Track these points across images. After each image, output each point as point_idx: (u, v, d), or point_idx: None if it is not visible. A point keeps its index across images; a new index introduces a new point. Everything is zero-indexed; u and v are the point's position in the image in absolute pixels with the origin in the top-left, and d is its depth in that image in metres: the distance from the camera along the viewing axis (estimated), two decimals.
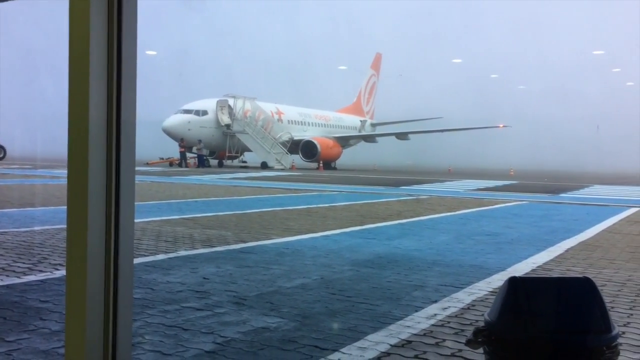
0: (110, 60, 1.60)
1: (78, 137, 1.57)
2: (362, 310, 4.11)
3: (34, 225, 8.19)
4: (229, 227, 8.45)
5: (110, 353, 1.61)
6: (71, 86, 1.58)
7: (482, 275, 5.45)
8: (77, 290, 1.57)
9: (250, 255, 6.25)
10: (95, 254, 1.58)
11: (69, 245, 1.59)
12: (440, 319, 3.93)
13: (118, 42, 1.60)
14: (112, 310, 1.61)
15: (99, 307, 1.59)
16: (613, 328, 1.62)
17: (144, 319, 3.75)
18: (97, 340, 1.59)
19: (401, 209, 12.17)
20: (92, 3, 1.54)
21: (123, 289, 1.63)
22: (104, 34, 1.58)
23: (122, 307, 1.63)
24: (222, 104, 37.11)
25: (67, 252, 1.60)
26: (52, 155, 31.14)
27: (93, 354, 1.57)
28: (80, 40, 1.56)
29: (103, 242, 1.61)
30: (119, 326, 1.62)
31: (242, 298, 4.41)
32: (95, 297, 1.58)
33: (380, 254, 6.53)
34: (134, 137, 1.67)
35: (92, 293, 1.57)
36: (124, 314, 1.64)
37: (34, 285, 4.60)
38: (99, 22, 1.56)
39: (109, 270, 1.61)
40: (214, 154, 38.92)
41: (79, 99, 1.57)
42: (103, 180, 1.60)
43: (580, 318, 1.59)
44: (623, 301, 4.54)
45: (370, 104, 53.58)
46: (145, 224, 8.31)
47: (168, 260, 5.76)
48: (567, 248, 7.26)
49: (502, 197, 16.25)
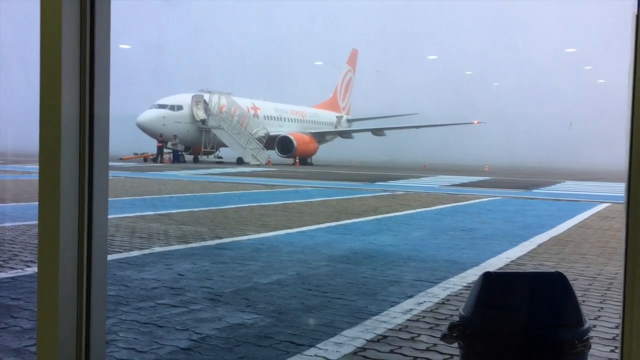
0: (83, 53, 1.57)
1: (50, 132, 1.54)
2: (338, 306, 4.12)
3: (5, 221, 8.04)
4: (204, 223, 8.40)
5: (83, 351, 1.59)
6: (43, 80, 1.55)
7: (457, 270, 5.50)
8: (49, 287, 1.54)
9: (226, 251, 6.22)
10: (67, 251, 1.56)
11: (40, 241, 1.57)
12: (415, 314, 3.97)
13: (91, 35, 1.58)
14: (85, 307, 1.59)
15: (72, 305, 1.57)
16: (584, 322, 1.64)
17: (118, 316, 3.71)
18: (70, 338, 1.56)
19: (377, 205, 12.22)
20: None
21: (96, 286, 1.61)
22: (76, 26, 1.56)
23: (96, 305, 1.61)
24: (197, 99, 36.80)
25: (39, 249, 1.57)
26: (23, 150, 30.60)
27: (66, 352, 1.55)
28: (52, 33, 1.53)
29: (76, 238, 1.58)
30: (93, 324, 1.60)
31: (217, 294, 4.39)
32: (68, 294, 1.56)
33: (356, 250, 6.55)
34: (108, 132, 1.64)
35: (65, 290, 1.55)
36: (97, 312, 1.61)
37: (4, 282, 4.52)
38: (71, 15, 1.54)
39: (82, 267, 1.59)
40: (189, 150, 38.60)
41: (50, 93, 1.54)
42: (76, 175, 1.58)
43: (552, 312, 1.62)
44: (594, 295, 4.62)
45: (346, 99, 53.65)
46: (119, 220, 8.21)
47: (142, 257, 5.70)
48: (540, 243, 7.37)
49: (476, 192, 16.43)
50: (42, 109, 1.56)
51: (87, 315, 1.59)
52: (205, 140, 37.49)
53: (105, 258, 1.67)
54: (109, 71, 1.64)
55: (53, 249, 1.54)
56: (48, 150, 1.55)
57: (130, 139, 34.91)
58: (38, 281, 1.56)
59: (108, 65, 1.64)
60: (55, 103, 1.53)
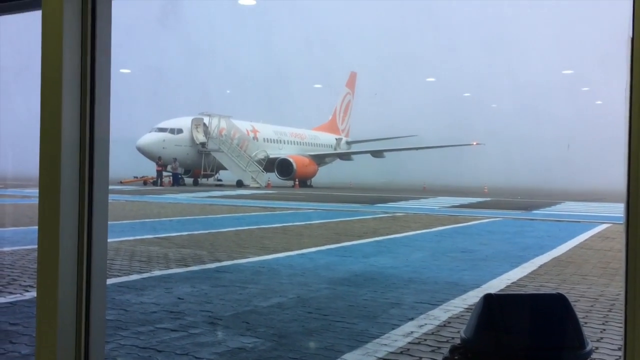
0: (84, 77, 1.59)
1: (50, 156, 1.55)
2: (338, 329, 4.09)
3: (4, 246, 8.02)
4: (204, 246, 8.38)
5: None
6: (43, 103, 1.56)
7: (458, 292, 5.47)
8: (48, 312, 1.53)
9: (225, 274, 6.19)
10: (67, 275, 1.55)
11: (39, 266, 1.56)
12: (416, 337, 3.94)
13: (92, 59, 1.59)
14: (84, 332, 1.58)
15: (71, 329, 1.56)
16: (587, 344, 1.63)
17: (117, 341, 3.68)
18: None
19: (377, 227, 12.20)
20: (65, 20, 1.52)
21: (95, 311, 1.60)
22: (77, 51, 1.57)
23: (95, 329, 1.60)
24: (197, 123, 36.94)
25: (37, 273, 1.57)
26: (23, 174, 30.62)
27: None
28: (53, 57, 1.54)
29: (75, 262, 1.58)
30: (91, 349, 1.59)
31: (217, 318, 4.36)
32: (67, 319, 1.55)
33: (357, 272, 6.52)
34: (108, 156, 1.65)
35: (64, 315, 1.54)
36: (96, 336, 1.60)
37: (3, 307, 4.49)
38: (72, 39, 1.55)
39: (81, 291, 1.58)
40: (189, 173, 38.62)
41: (51, 117, 1.55)
42: (75, 199, 1.58)
43: (554, 334, 1.60)
44: (596, 317, 4.59)
45: (345, 122, 53.86)
46: (118, 244, 8.19)
47: (142, 281, 5.68)
48: (541, 264, 7.35)
49: (476, 214, 16.41)
50: (42, 133, 1.56)
51: (86, 340, 1.58)
52: (205, 163, 37.54)
53: (104, 282, 1.66)
54: (109, 95, 1.65)
55: (52, 273, 1.54)
56: (48, 174, 1.55)
57: (130, 162, 34.95)
58: (37, 306, 1.55)
59: (108, 89, 1.65)
60: (56, 127, 1.54)
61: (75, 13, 1.55)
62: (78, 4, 1.56)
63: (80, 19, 1.57)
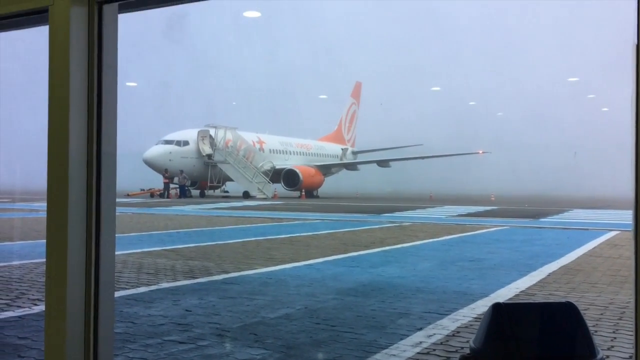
0: (91, 92, 1.60)
1: (58, 170, 1.56)
2: (347, 340, 4.08)
3: (12, 259, 8.04)
4: (211, 258, 8.38)
5: None
6: (51, 118, 1.57)
7: (466, 301, 5.45)
8: (56, 325, 1.54)
9: (233, 286, 6.18)
10: (75, 288, 1.56)
11: (48, 279, 1.56)
12: (425, 347, 3.91)
13: (98, 74, 1.60)
14: (92, 345, 1.58)
15: (79, 343, 1.56)
16: (597, 352, 1.62)
17: (126, 354, 3.67)
18: None
19: (384, 236, 12.17)
20: (71, 35, 1.54)
21: (104, 324, 1.60)
22: (84, 65, 1.58)
23: (103, 342, 1.60)
24: (203, 134, 37.08)
25: (46, 287, 1.57)
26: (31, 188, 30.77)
27: None
28: (60, 72, 1.55)
29: (83, 275, 1.58)
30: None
31: (225, 330, 4.35)
32: (75, 332, 1.55)
33: (364, 282, 6.50)
34: (115, 169, 1.66)
35: (72, 328, 1.54)
36: (104, 349, 1.60)
37: (12, 321, 4.50)
38: (78, 54, 1.57)
39: (89, 304, 1.59)
40: (195, 184, 38.71)
41: (58, 131, 1.56)
42: (83, 212, 1.58)
43: (564, 343, 1.59)
44: (606, 325, 4.56)
45: (351, 132, 53.93)
46: (126, 257, 8.20)
47: (150, 293, 5.68)
48: (549, 272, 7.30)
49: (484, 222, 16.35)
50: (50, 147, 1.57)
51: (94, 352, 1.58)
52: (212, 174, 37.63)
53: (112, 295, 1.66)
54: (115, 108, 1.67)
55: (60, 286, 1.54)
56: (56, 187, 1.56)
57: (136, 175, 35.09)
58: (45, 319, 1.55)
59: (115, 102, 1.66)
60: (63, 141, 1.55)
61: (82, 28, 1.57)
62: (84, 19, 1.57)
63: (86, 33, 1.58)
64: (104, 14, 1.60)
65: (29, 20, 1.70)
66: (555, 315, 1.65)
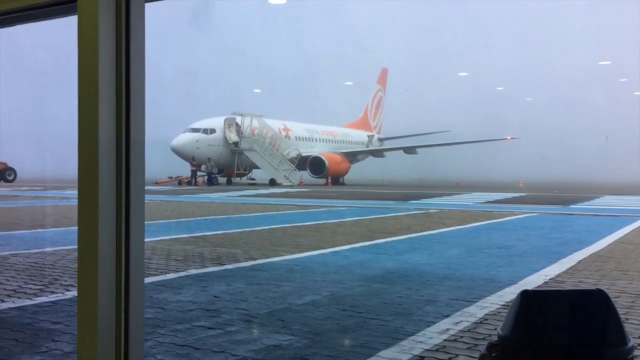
0: (119, 81, 1.62)
1: (88, 158, 1.58)
2: (373, 326, 4.09)
3: (45, 246, 8.23)
4: (238, 245, 8.45)
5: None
6: (80, 107, 1.60)
7: (494, 288, 5.41)
8: (88, 311, 1.57)
9: (260, 272, 6.24)
10: (106, 274, 1.58)
11: (80, 265, 1.60)
12: (452, 334, 3.90)
13: (127, 63, 1.62)
14: (123, 330, 1.61)
15: (111, 328, 1.59)
16: (628, 340, 1.60)
17: (156, 339, 3.74)
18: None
19: (410, 223, 12.13)
20: (100, 26, 1.56)
21: (134, 309, 1.63)
22: (112, 55, 1.60)
23: (134, 327, 1.63)
24: (229, 122, 37.29)
25: (78, 273, 1.61)
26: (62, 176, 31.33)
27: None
28: (89, 61, 1.57)
29: (114, 262, 1.61)
30: (131, 346, 1.62)
31: (252, 316, 4.39)
32: (107, 317, 1.58)
33: (391, 269, 6.50)
34: (143, 157, 1.68)
35: (104, 314, 1.57)
36: (135, 334, 1.63)
37: (45, 306, 4.61)
38: (107, 43, 1.58)
39: (120, 290, 1.61)
40: (222, 172, 39.01)
41: (88, 120, 1.58)
42: (113, 200, 1.61)
43: (594, 331, 1.57)
44: (638, 312, 4.48)
45: (377, 118, 53.67)
46: (155, 243, 8.32)
47: (178, 279, 5.76)
48: (579, 260, 7.21)
49: (512, 209, 16.17)
50: (80, 136, 1.60)
51: (125, 338, 1.61)
52: (238, 162, 37.87)
53: (142, 281, 1.69)
54: (144, 97, 1.68)
55: (92, 272, 1.57)
56: (86, 176, 1.58)
57: (164, 162, 35.47)
58: (78, 305, 1.58)
59: (143, 91, 1.68)
60: (93, 130, 1.57)
61: (110, 18, 1.58)
62: (112, 9, 1.59)
63: (115, 23, 1.60)
64: (132, 4, 1.61)
65: (58, 11, 1.72)
66: (585, 303, 1.63)
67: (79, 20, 1.58)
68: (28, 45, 29.94)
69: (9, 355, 3.41)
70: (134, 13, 1.61)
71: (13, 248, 7.86)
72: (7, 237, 9.06)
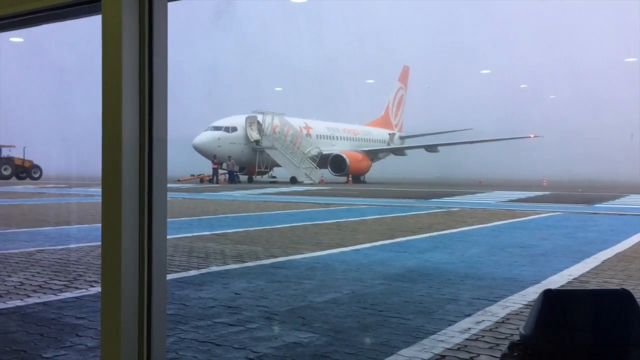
0: (142, 79, 1.63)
1: (111, 156, 1.60)
2: (394, 325, 4.08)
3: (70, 243, 8.35)
4: (259, 243, 8.49)
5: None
6: (104, 105, 1.62)
7: (516, 288, 5.36)
8: (111, 306, 1.59)
9: (281, 270, 6.25)
10: (129, 271, 1.60)
11: (103, 262, 1.62)
12: (474, 333, 3.88)
13: (149, 61, 1.64)
14: (146, 326, 1.63)
15: (134, 323, 1.61)
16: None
17: (178, 335, 3.77)
18: (132, 356, 1.60)
19: (432, 222, 12.07)
20: (123, 25, 1.57)
21: (157, 305, 1.65)
22: (135, 53, 1.62)
23: (156, 323, 1.64)
24: (251, 120, 37.43)
25: (101, 269, 1.63)
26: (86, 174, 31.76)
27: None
28: (112, 60, 1.59)
29: (137, 258, 1.63)
30: (153, 342, 1.64)
31: (273, 313, 4.41)
32: (130, 313, 1.60)
33: (412, 268, 6.48)
34: (166, 154, 1.69)
35: (127, 309, 1.59)
36: (158, 330, 1.65)
37: (70, 302, 4.68)
38: (130, 42, 1.60)
39: (142, 286, 1.63)
40: (243, 170, 39.19)
41: (111, 118, 1.60)
42: (136, 197, 1.63)
43: (618, 331, 1.55)
44: None
45: (398, 116, 53.44)
46: (177, 240, 8.40)
47: (200, 276, 5.80)
48: (604, 259, 7.10)
49: (535, 208, 16.00)
50: (104, 135, 1.62)
51: (148, 333, 1.63)
52: (259, 160, 38.00)
53: (164, 278, 1.71)
54: (166, 95, 1.70)
55: (115, 269, 1.59)
56: (110, 173, 1.60)
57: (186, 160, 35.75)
58: (101, 300, 1.61)
59: (165, 89, 1.70)
60: (117, 128, 1.59)
61: (134, 17, 1.60)
62: (136, 8, 1.60)
63: (138, 22, 1.61)
64: (155, 3, 1.63)
65: (82, 10, 1.74)
66: (610, 303, 1.61)
67: (102, 20, 1.60)
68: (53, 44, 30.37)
69: (34, 349, 3.47)
70: (156, 12, 1.63)
71: (39, 244, 7.99)
72: (33, 234, 9.21)
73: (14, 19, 1.79)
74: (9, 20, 1.80)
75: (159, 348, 1.66)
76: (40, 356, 3.35)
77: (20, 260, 6.67)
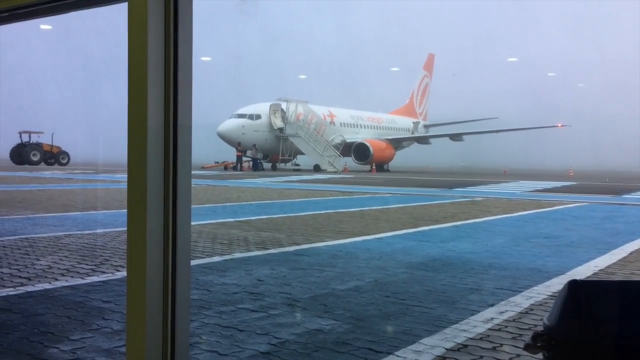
0: (167, 66, 1.65)
1: (137, 142, 1.62)
2: (416, 313, 4.07)
3: (97, 228, 8.49)
4: (282, 230, 8.53)
5: (169, 352, 1.65)
6: (130, 92, 1.63)
7: (541, 278, 5.31)
8: (137, 291, 1.62)
9: (303, 257, 6.28)
10: (154, 256, 1.63)
11: (129, 247, 1.64)
12: (497, 323, 3.86)
13: (175, 49, 1.65)
14: (170, 310, 1.65)
15: (158, 308, 1.64)
16: None
17: (201, 320, 3.82)
18: (157, 340, 1.63)
19: (455, 211, 11.99)
20: (149, 12, 1.59)
21: (181, 290, 1.67)
22: (161, 41, 1.63)
23: (180, 308, 1.67)
24: (275, 108, 37.48)
25: (127, 254, 1.65)
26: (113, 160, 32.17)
27: (153, 352, 1.62)
28: (138, 48, 1.61)
29: (161, 244, 1.65)
30: (177, 326, 1.66)
31: (295, 300, 4.44)
32: (155, 297, 1.63)
33: (435, 257, 6.45)
34: (190, 141, 1.71)
35: (152, 294, 1.62)
36: (181, 315, 1.67)
37: (97, 286, 4.77)
38: (156, 31, 1.61)
39: (167, 271, 1.65)
40: (267, 158, 39.33)
41: (137, 105, 1.62)
42: (161, 183, 1.64)
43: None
44: None
45: (423, 105, 53.01)
46: (201, 227, 8.48)
47: (223, 262, 5.86)
48: (631, 251, 6.99)
49: (561, 198, 15.79)
50: (130, 121, 1.64)
51: (172, 318, 1.65)
52: (283, 148, 38.09)
53: (188, 263, 1.73)
54: (191, 81, 1.71)
55: (140, 254, 1.62)
56: (136, 160, 1.62)
57: (211, 147, 35.99)
58: (127, 285, 1.63)
59: (190, 75, 1.71)
60: (142, 115, 1.61)
61: (159, 4, 1.61)
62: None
63: (163, 9, 1.62)
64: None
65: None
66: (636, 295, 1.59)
67: (129, 7, 1.61)
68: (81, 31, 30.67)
69: (62, 331, 3.55)
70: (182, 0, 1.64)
71: (67, 229, 8.14)
72: (61, 219, 9.38)
73: (43, 5, 1.81)
74: (38, 7, 1.83)
75: (183, 332, 1.68)
76: (67, 338, 3.42)
77: (49, 244, 6.80)
